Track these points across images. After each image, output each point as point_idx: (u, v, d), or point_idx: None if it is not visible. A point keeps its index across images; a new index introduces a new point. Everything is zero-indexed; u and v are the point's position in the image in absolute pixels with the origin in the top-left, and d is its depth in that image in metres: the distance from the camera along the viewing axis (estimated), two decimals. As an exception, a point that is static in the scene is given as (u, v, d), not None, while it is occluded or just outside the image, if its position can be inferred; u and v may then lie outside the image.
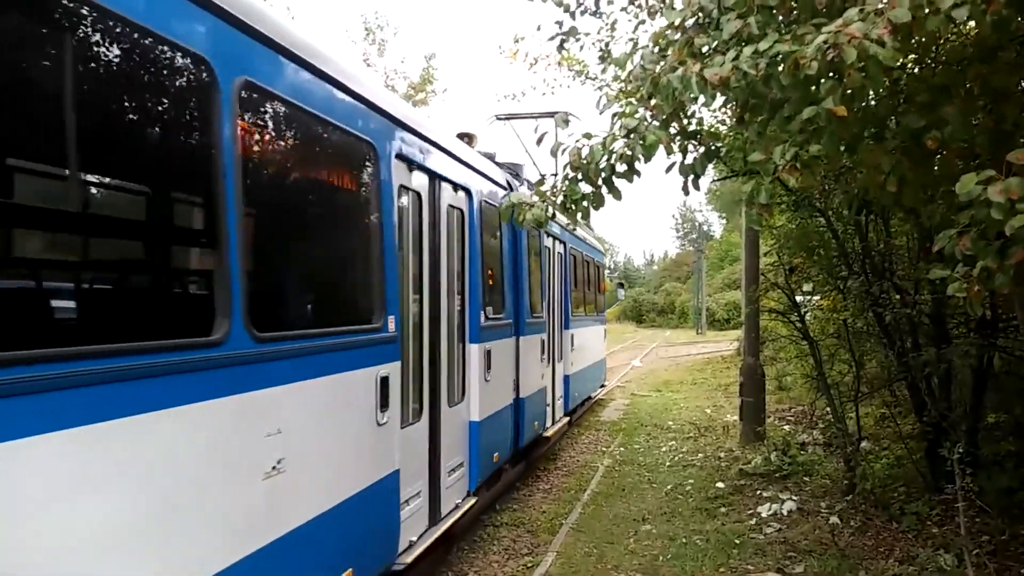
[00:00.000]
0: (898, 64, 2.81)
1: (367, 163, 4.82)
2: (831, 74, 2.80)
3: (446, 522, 6.26)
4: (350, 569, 4.37)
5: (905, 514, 7.27)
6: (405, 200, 5.62)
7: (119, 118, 2.95)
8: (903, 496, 7.73)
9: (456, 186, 6.76)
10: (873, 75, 2.67)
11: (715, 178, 12.64)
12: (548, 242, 11.02)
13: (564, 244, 12.46)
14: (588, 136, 3.65)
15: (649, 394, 19.54)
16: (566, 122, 3.67)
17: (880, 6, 2.65)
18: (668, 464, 10.95)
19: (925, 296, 7.70)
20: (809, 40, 2.89)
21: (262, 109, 3.69)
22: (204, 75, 3.17)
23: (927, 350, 7.56)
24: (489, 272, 7.72)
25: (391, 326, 4.96)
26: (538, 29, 21.50)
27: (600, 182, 3.66)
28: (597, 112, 3.63)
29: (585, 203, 3.79)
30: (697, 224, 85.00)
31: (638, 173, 3.64)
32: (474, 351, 7.13)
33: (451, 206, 6.68)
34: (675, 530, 7.73)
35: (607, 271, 18.50)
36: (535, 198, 3.95)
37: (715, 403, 17.04)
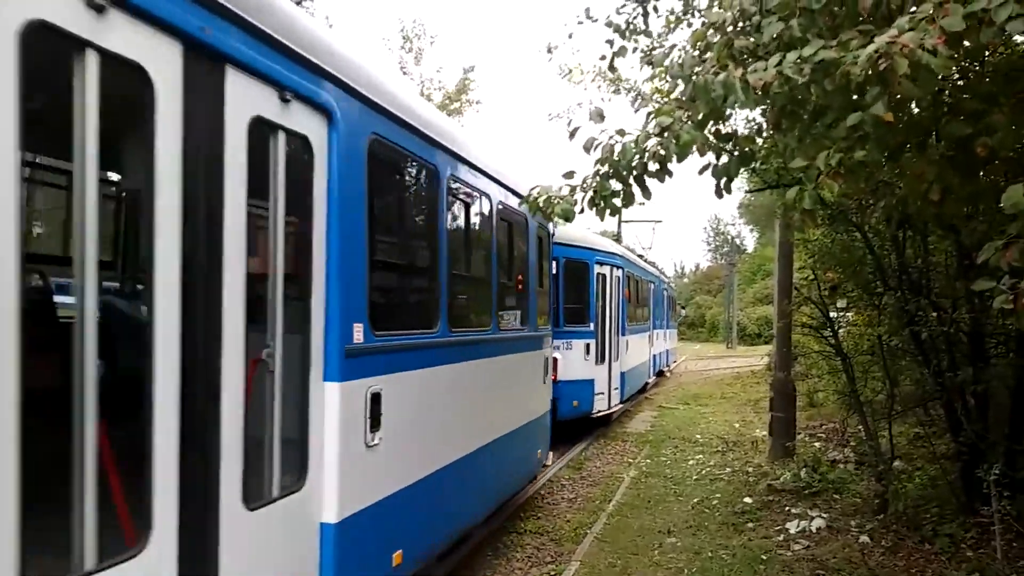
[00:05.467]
0: (947, 74, 2.75)
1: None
2: (879, 81, 2.75)
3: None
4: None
5: (938, 536, 7.11)
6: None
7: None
8: (936, 517, 7.55)
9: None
10: (924, 84, 2.62)
11: (747, 189, 12.53)
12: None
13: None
14: (622, 133, 3.61)
15: (677, 407, 19.37)
16: (601, 117, 3.65)
17: (930, 13, 2.59)
18: (695, 477, 10.83)
19: (963, 314, 7.54)
20: (855, 46, 2.84)
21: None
22: None
23: (964, 369, 7.39)
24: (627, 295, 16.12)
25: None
26: (569, 37, 21.35)
27: (631, 179, 3.63)
28: (632, 111, 3.62)
29: (615, 200, 3.76)
30: (729, 237, 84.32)
31: (670, 173, 3.59)
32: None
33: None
34: (701, 544, 7.63)
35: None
36: (564, 191, 3.92)
37: (744, 418, 16.85)
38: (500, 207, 7.11)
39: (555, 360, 10.83)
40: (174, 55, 3.00)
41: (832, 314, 10.11)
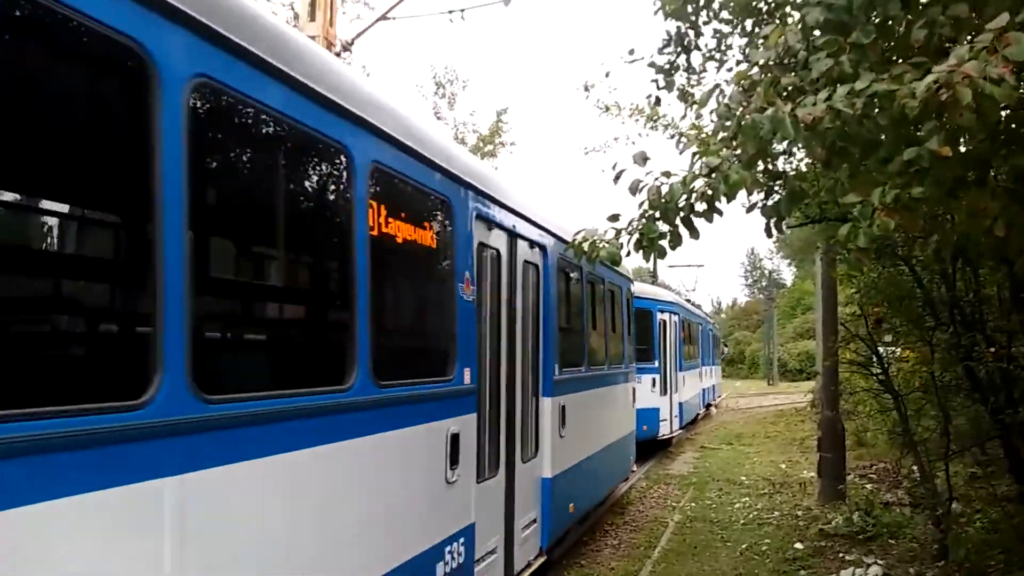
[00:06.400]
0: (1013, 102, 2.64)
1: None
2: (933, 115, 2.65)
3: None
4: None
5: (1005, 584, 6.76)
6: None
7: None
8: (1002, 564, 7.18)
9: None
10: (988, 114, 2.51)
11: (790, 224, 12.37)
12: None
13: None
14: (667, 174, 3.54)
15: (720, 447, 18.96)
16: (644, 160, 3.58)
17: (990, 43, 2.49)
18: (742, 522, 10.51)
19: (1021, 348, 7.25)
20: (909, 80, 2.75)
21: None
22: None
23: (1024, 406, 7.09)
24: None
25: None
26: (607, 75, 21.57)
27: (678, 220, 3.54)
28: (678, 152, 3.53)
29: (662, 242, 3.67)
30: (767, 272, 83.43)
31: (719, 212, 3.50)
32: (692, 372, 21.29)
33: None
34: (752, 593, 7.35)
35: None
36: (609, 234, 3.85)
37: (790, 458, 16.41)
38: (611, 284, 10.75)
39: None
40: (508, 240, 6.51)
41: (880, 350, 9.83)
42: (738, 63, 6.43)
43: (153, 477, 2.58)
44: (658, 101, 5.74)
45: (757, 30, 5.47)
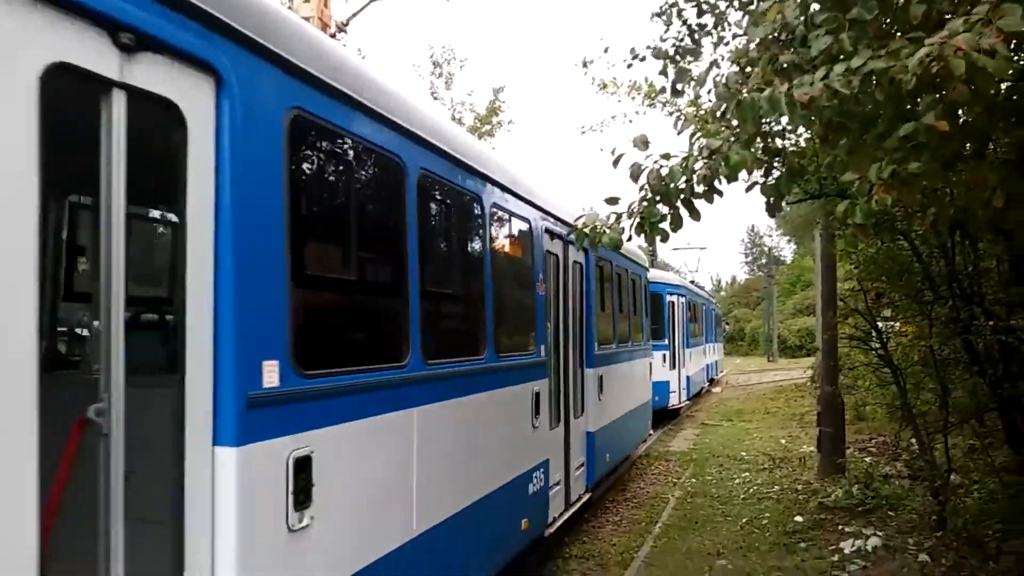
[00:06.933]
0: (1008, 75, 2.64)
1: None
2: (931, 87, 2.66)
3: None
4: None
5: (1003, 553, 6.84)
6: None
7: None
8: (1000, 534, 7.28)
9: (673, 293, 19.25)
10: (982, 87, 2.52)
11: (789, 200, 12.39)
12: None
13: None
14: (667, 157, 3.55)
15: (720, 423, 19.07)
16: (645, 144, 3.58)
17: (985, 15, 2.50)
18: (742, 496, 10.60)
19: (1020, 321, 7.30)
20: (905, 55, 2.75)
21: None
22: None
23: (1023, 379, 7.15)
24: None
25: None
26: (605, 51, 21.37)
27: (679, 203, 3.55)
28: (675, 133, 3.53)
29: (663, 225, 3.69)
30: (766, 249, 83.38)
31: (720, 193, 3.52)
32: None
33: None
34: (752, 566, 7.44)
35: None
36: (611, 219, 3.86)
37: (790, 433, 16.51)
38: (632, 274, 12.53)
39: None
40: (563, 246, 8.20)
41: (879, 324, 9.88)
42: (734, 36, 6.43)
43: (408, 407, 4.49)
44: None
45: (753, 5, 5.44)
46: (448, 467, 5.08)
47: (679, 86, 5.31)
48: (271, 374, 3.19)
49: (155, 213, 3.95)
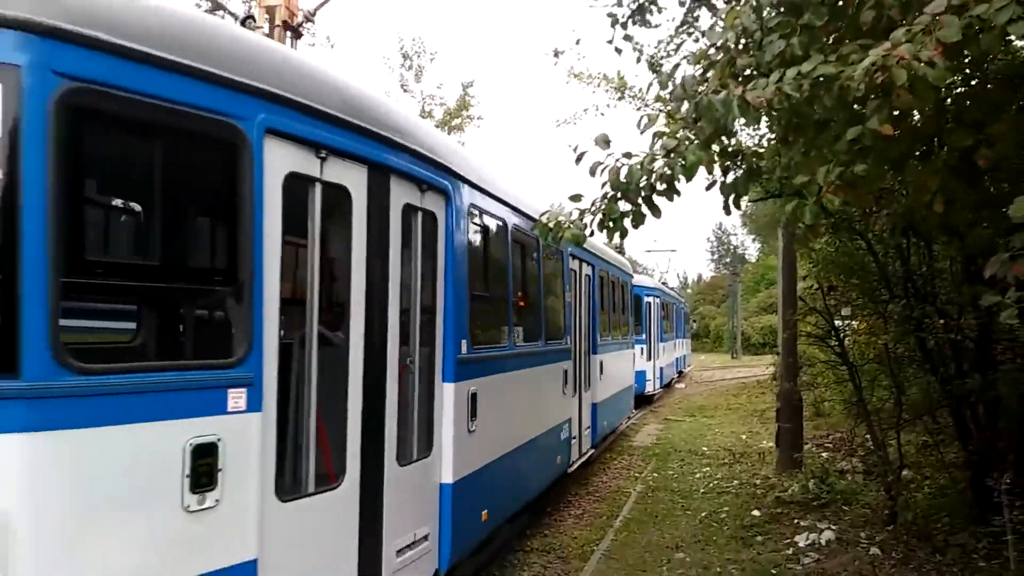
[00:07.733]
0: (948, 83, 2.74)
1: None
2: (878, 94, 2.75)
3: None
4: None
5: (950, 546, 7.05)
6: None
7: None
8: (947, 527, 7.50)
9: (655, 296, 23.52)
10: (923, 95, 2.61)
11: (750, 199, 12.57)
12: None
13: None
14: (628, 155, 3.61)
15: (683, 419, 19.30)
16: (607, 143, 3.64)
17: (927, 25, 2.59)
18: (702, 491, 10.77)
19: (970, 320, 7.50)
20: (854, 60, 2.84)
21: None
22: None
23: (972, 376, 7.35)
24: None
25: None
26: (577, 43, 21.56)
27: (640, 200, 3.62)
28: (639, 132, 3.60)
29: (624, 222, 3.75)
30: (732, 247, 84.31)
31: (678, 192, 3.59)
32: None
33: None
34: (709, 559, 7.58)
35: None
36: (574, 215, 3.92)
37: (750, 429, 16.79)
38: (622, 281, 15.73)
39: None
40: (579, 263, 11.26)
41: (837, 323, 10.08)
42: (703, 34, 6.70)
43: (514, 370, 7.44)
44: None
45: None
46: (530, 407, 8.10)
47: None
48: (464, 347, 5.79)
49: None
